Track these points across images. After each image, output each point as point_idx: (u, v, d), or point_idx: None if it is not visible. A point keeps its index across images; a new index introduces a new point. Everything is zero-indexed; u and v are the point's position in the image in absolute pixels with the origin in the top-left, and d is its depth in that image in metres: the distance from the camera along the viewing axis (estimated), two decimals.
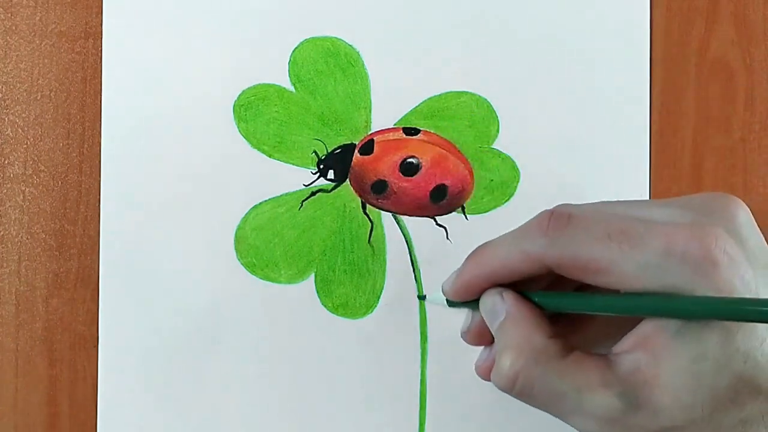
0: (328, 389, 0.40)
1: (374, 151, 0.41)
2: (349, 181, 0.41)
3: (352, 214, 0.41)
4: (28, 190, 0.41)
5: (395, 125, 0.41)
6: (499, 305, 0.29)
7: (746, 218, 0.27)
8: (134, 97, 0.40)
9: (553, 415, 0.28)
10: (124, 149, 0.40)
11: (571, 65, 0.41)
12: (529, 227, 0.28)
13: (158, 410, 0.40)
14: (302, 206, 0.41)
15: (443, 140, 0.41)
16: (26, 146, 0.41)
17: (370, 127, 0.41)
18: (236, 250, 0.40)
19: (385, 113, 0.41)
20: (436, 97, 0.41)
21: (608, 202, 0.29)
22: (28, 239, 0.41)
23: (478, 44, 0.41)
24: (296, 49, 0.41)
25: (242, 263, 0.40)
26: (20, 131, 0.41)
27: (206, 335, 0.40)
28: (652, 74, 0.41)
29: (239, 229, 0.40)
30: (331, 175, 0.41)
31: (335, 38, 0.41)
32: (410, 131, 0.41)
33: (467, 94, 0.41)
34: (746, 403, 0.25)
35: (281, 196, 0.41)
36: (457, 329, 0.40)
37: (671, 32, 0.41)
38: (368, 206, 0.41)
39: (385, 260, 0.41)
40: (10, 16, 0.41)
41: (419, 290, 0.40)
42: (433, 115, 0.41)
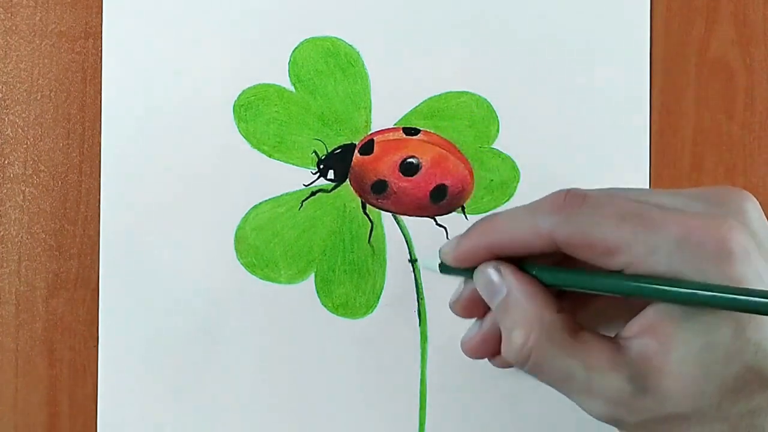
0: (327, 389, 0.40)
1: (374, 151, 0.41)
2: (349, 181, 0.41)
3: (352, 214, 0.41)
4: (28, 190, 0.41)
5: (395, 125, 0.41)
6: (497, 279, 0.28)
7: (756, 212, 0.27)
8: (134, 97, 0.40)
9: (561, 392, 0.28)
10: (124, 149, 0.40)
11: (571, 65, 0.41)
12: (542, 203, 0.28)
13: (158, 410, 0.40)
14: (302, 206, 0.41)
15: (443, 140, 0.41)
16: (26, 146, 0.41)
17: (370, 127, 0.41)
18: (236, 250, 0.40)
19: (385, 113, 0.41)
20: (436, 97, 0.41)
21: (622, 188, 0.28)
22: (28, 239, 0.41)
23: (478, 44, 0.41)
24: (296, 49, 0.41)
25: (242, 263, 0.40)
26: (20, 131, 0.41)
27: (206, 335, 0.40)
28: (652, 74, 0.41)
29: (239, 229, 0.40)
30: (331, 175, 0.41)
31: (335, 38, 0.41)
32: (410, 131, 0.41)
33: (467, 94, 0.41)
34: (755, 393, 0.25)
35: (281, 196, 0.41)
36: (457, 329, 0.40)
37: (671, 32, 0.41)
38: (368, 206, 0.41)
39: (385, 260, 0.41)
40: (10, 16, 0.41)
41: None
42: (433, 115, 0.41)
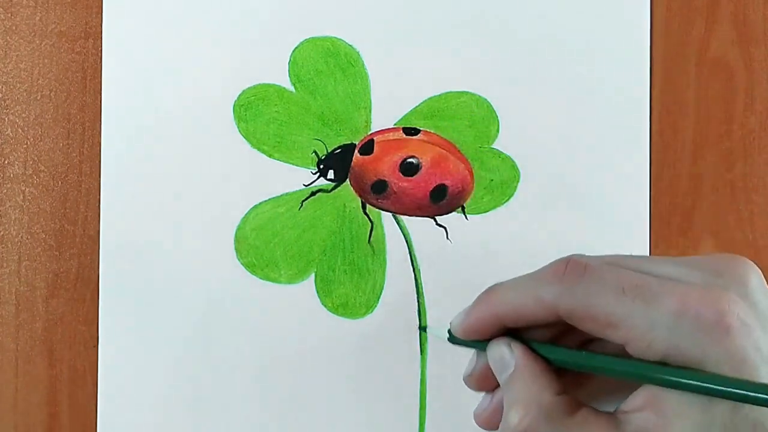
0: (327, 389, 0.40)
1: (374, 151, 0.41)
2: (349, 181, 0.41)
3: (352, 214, 0.41)
4: (28, 190, 0.41)
5: (395, 125, 0.41)
6: (507, 356, 0.29)
7: (758, 281, 0.27)
8: (134, 97, 0.40)
9: None
10: (124, 149, 0.40)
11: (571, 65, 0.41)
12: (545, 273, 0.28)
13: (158, 410, 0.40)
14: (302, 206, 0.41)
15: (443, 140, 0.41)
16: (26, 146, 0.41)
17: (370, 127, 0.41)
18: (236, 250, 0.40)
19: (385, 113, 0.41)
20: (436, 97, 0.41)
21: (621, 255, 0.29)
22: (28, 239, 0.41)
23: (478, 44, 0.41)
24: (296, 49, 0.41)
25: (242, 263, 0.40)
26: (20, 131, 0.41)
27: (206, 335, 0.40)
28: (652, 74, 0.41)
29: (239, 229, 0.40)
30: (331, 175, 0.41)
31: (335, 38, 0.41)
32: (410, 131, 0.41)
33: (467, 94, 0.41)
34: None
35: (281, 196, 0.41)
36: None
37: (671, 32, 0.41)
38: (368, 206, 0.41)
39: (385, 260, 0.41)
40: (10, 16, 0.41)
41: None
42: (433, 115, 0.41)
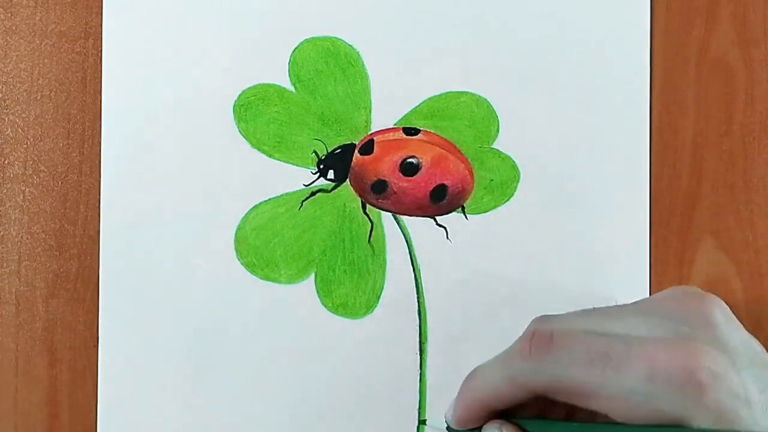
0: (327, 389, 0.40)
1: (374, 151, 0.41)
2: (349, 181, 0.41)
3: (352, 214, 0.41)
4: (28, 190, 0.41)
5: (395, 125, 0.41)
6: None
7: (723, 317, 0.27)
8: (134, 97, 0.40)
9: None
10: (124, 149, 0.40)
11: (571, 65, 0.41)
12: (513, 353, 0.28)
13: (158, 410, 0.40)
14: (302, 206, 0.41)
15: (443, 140, 0.41)
16: (26, 146, 0.41)
17: (370, 127, 0.41)
18: (236, 250, 0.40)
19: (385, 113, 0.41)
20: (436, 97, 0.41)
21: (587, 311, 0.29)
22: (28, 239, 0.41)
23: (478, 44, 0.41)
24: (296, 49, 0.41)
25: (242, 263, 0.40)
26: (20, 131, 0.41)
27: (206, 335, 0.40)
28: (652, 74, 0.41)
29: (239, 229, 0.40)
30: (331, 175, 0.41)
31: (335, 38, 0.41)
32: (410, 131, 0.41)
33: (467, 94, 0.41)
34: None
35: (281, 196, 0.41)
36: (457, 329, 0.40)
37: (671, 32, 0.41)
38: (368, 206, 0.41)
39: (385, 260, 0.41)
40: (10, 16, 0.41)
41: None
42: (433, 115, 0.41)
